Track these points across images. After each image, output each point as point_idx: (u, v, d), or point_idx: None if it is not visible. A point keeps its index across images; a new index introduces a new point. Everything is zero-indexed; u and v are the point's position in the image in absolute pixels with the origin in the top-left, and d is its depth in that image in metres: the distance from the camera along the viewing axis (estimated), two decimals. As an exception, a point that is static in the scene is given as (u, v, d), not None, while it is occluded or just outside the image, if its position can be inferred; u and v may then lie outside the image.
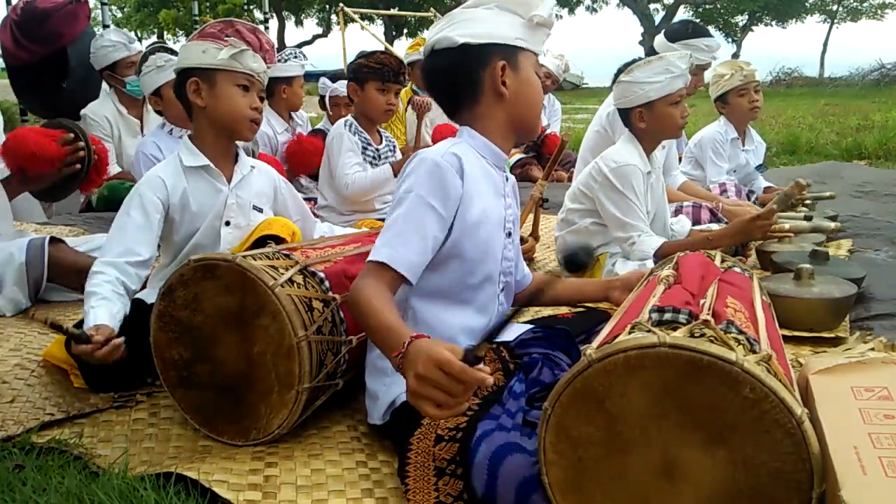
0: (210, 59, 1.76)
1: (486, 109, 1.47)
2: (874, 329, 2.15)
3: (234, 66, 1.77)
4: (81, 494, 1.28)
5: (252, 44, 1.80)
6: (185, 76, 1.80)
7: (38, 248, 2.39)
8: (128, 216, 1.75)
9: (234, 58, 1.76)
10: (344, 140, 2.90)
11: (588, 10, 32.23)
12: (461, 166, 1.39)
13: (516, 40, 1.45)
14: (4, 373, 1.83)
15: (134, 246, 1.71)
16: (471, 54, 1.44)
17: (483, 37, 1.43)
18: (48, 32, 4.51)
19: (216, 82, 1.78)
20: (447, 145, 1.43)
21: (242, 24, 1.83)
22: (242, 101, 1.80)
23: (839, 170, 5.31)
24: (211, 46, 1.76)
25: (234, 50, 1.76)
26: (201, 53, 1.77)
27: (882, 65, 19.64)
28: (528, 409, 1.32)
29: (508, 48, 1.45)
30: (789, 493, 1.00)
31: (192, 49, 1.79)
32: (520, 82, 1.46)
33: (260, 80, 1.84)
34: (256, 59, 1.81)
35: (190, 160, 1.83)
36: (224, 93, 1.78)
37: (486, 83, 1.45)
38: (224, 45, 1.75)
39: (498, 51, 1.44)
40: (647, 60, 2.42)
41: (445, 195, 1.36)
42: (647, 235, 2.37)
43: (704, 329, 1.10)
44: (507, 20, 1.44)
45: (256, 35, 1.83)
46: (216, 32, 1.78)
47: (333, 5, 19.68)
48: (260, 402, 1.47)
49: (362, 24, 12.60)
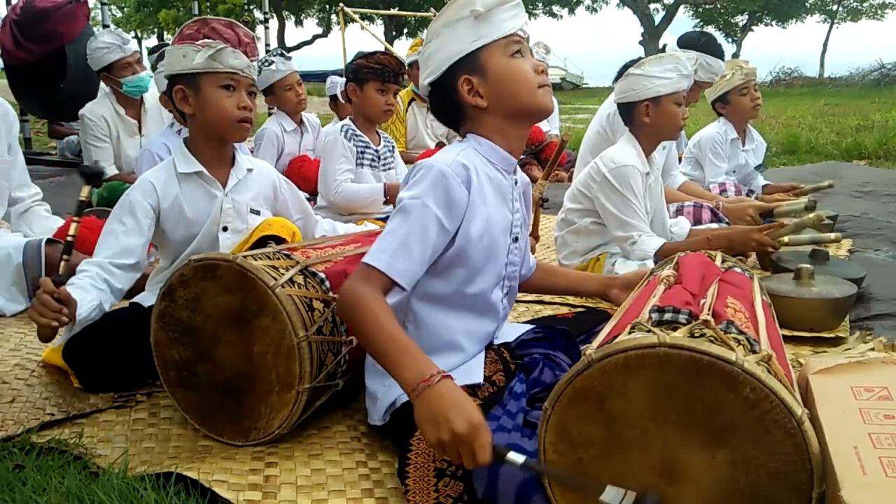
0: (190, 63, 1.71)
1: (477, 121, 1.45)
2: (874, 329, 2.15)
3: (215, 66, 1.71)
4: (81, 494, 1.28)
5: (230, 40, 1.73)
6: (171, 84, 1.77)
7: (34, 249, 2.40)
8: (119, 222, 1.74)
9: (212, 58, 1.70)
10: (338, 145, 2.89)
11: (588, 10, 32.29)
12: (468, 176, 1.36)
13: (473, 44, 1.39)
14: (4, 373, 1.83)
15: (123, 250, 1.71)
16: (441, 86, 1.43)
17: (442, 64, 1.41)
18: (47, 32, 4.52)
19: (200, 87, 1.74)
20: (454, 153, 1.40)
21: (217, 20, 1.76)
22: (229, 103, 1.75)
23: (839, 170, 5.31)
24: (189, 49, 1.71)
25: (211, 50, 1.70)
26: (182, 58, 1.72)
27: (882, 65, 19.65)
28: (529, 409, 1.32)
29: (467, 59, 1.40)
30: (789, 493, 1.00)
31: (174, 54, 1.74)
32: (493, 80, 1.40)
33: (246, 76, 1.78)
34: (237, 56, 1.74)
35: (183, 166, 1.81)
36: (209, 97, 1.74)
37: (464, 102, 1.42)
38: (200, 47, 1.70)
39: (458, 68, 1.40)
40: (659, 57, 2.45)
41: (451, 206, 1.34)
42: (647, 235, 2.37)
43: (704, 329, 1.10)
44: (457, 32, 1.39)
45: (233, 29, 1.76)
46: (193, 33, 1.73)
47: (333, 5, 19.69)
48: (260, 403, 1.47)
49: (362, 24, 12.59)
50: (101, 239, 1.74)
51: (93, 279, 1.66)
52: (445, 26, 1.41)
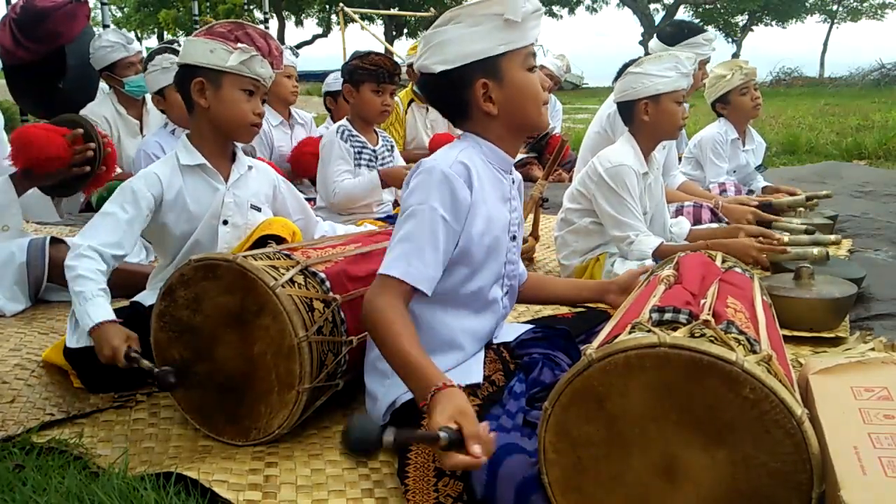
0: (218, 61, 1.73)
1: (480, 123, 1.44)
2: (874, 329, 2.15)
3: (243, 70, 1.75)
4: (81, 494, 1.28)
5: (262, 49, 1.78)
6: (189, 73, 1.78)
7: (38, 248, 2.40)
8: (119, 207, 1.73)
9: (243, 63, 1.74)
10: (334, 148, 2.89)
11: (588, 10, 32.24)
12: (469, 176, 1.36)
13: (498, 47, 1.36)
14: (4, 373, 1.83)
15: (120, 240, 1.71)
16: (451, 79, 1.39)
17: (459, 59, 1.36)
18: (47, 31, 4.51)
19: (222, 85, 1.76)
20: (455, 153, 1.39)
21: (253, 27, 1.81)
22: (246, 107, 1.78)
23: (839, 170, 5.30)
24: (220, 47, 1.73)
25: (245, 56, 1.73)
26: (209, 53, 1.74)
27: (882, 65, 19.63)
28: (528, 409, 1.32)
29: (488, 61, 1.37)
30: (789, 493, 1.00)
31: (199, 46, 1.75)
32: (508, 90, 1.39)
33: (265, 85, 1.82)
34: (264, 65, 1.79)
35: (187, 158, 1.82)
36: (229, 97, 1.77)
37: (473, 103, 1.41)
38: (234, 49, 1.73)
39: (478, 68, 1.37)
40: (658, 55, 2.47)
41: (456, 207, 1.34)
42: (644, 235, 2.37)
43: (704, 329, 1.10)
44: (482, 30, 1.35)
45: (266, 40, 1.81)
46: (226, 33, 1.75)
47: (333, 5, 19.69)
48: (260, 403, 1.47)
49: (362, 24, 12.61)
50: (99, 220, 1.72)
51: (104, 274, 1.67)
52: (471, 17, 1.36)
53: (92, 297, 1.61)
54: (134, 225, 1.74)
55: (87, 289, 1.62)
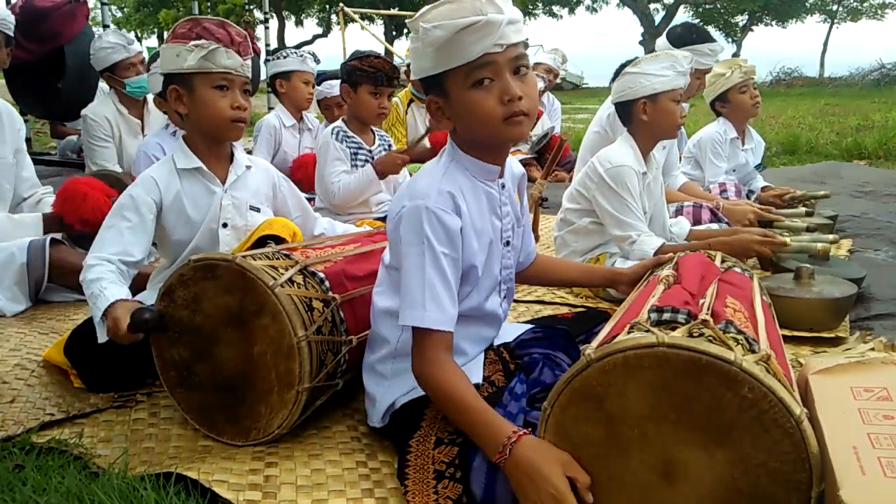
0: (183, 63, 1.70)
1: (454, 134, 1.42)
2: (874, 329, 2.15)
3: (208, 66, 1.70)
4: (81, 494, 1.28)
5: (222, 39, 1.72)
6: (166, 82, 1.76)
7: (39, 249, 2.40)
8: (122, 218, 1.73)
9: (205, 59, 1.69)
10: (330, 149, 2.89)
11: (588, 10, 32.28)
12: (455, 203, 1.33)
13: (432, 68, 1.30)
14: (4, 373, 1.83)
15: (128, 247, 1.71)
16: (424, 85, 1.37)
17: (418, 72, 1.34)
18: (47, 31, 4.52)
19: (194, 87, 1.73)
20: (436, 182, 1.35)
21: (209, 19, 1.75)
22: (222, 104, 1.74)
23: (839, 170, 5.31)
24: (182, 49, 1.70)
25: (204, 51, 1.69)
26: (175, 58, 1.71)
27: (882, 65, 19.63)
28: (529, 409, 1.32)
29: (435, 78, 1.32)
30: (788, 492, 1.00)
31: (167, 53, 1.73)
32: (454, 108, 1.34)
33: (239, 75, 1.76)
34: (230, 55, 1.72)
35: (183, 162, 1.81)
36: (202, 97, 1.73)
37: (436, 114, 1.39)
38: (193, 48, 1.69)
39: (430, 84, 1.34)
40: (654, 55, 2.46)
41: (451, 238, 1.32)
42: (646, 235, 2.37)
43: (703, 329, 1.10)
44: (421, 45, 1.30)
45: (225, 28, 1.75)
46: (185, 32, 1.72)
47: (333, 5, 19.70)
48: (260, 402, 1.47)
49: (362, 24, 12.61)
50: (104, 234, 1.73)
51: (114, 273, 1.66)
52: (415, 31, 1.31)
53: (101, 290, 1.60)
54: (137, 231, 1.73)
55: (97, 284, 1.61)
